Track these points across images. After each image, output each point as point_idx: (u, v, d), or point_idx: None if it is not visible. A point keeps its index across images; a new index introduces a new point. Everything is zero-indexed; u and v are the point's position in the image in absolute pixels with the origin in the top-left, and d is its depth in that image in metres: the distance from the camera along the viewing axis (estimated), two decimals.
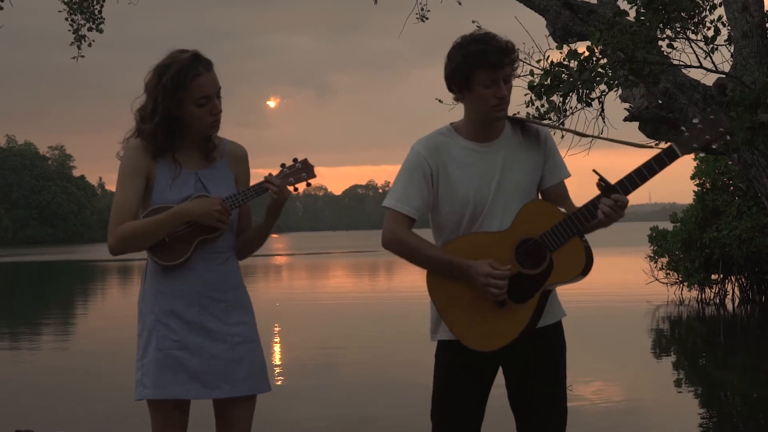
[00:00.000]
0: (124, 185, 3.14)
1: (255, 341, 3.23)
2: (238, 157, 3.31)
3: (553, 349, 3.14)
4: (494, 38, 3.00)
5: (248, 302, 3.28)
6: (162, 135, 3.13)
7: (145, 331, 3.19)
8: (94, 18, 9.10)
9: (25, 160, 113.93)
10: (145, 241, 3.11)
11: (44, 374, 10.03)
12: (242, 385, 3.15)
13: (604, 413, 7.32)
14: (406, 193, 3.08)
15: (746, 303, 16.66)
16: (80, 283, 29.55)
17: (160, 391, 3.09)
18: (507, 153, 3.08)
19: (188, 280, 3.14)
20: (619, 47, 5.11)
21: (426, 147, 3.09)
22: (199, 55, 3.14)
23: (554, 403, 3.12)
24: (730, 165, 15.15)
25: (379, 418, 7.30)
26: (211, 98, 3.11)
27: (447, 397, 3.14)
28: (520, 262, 2.96)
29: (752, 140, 4.98)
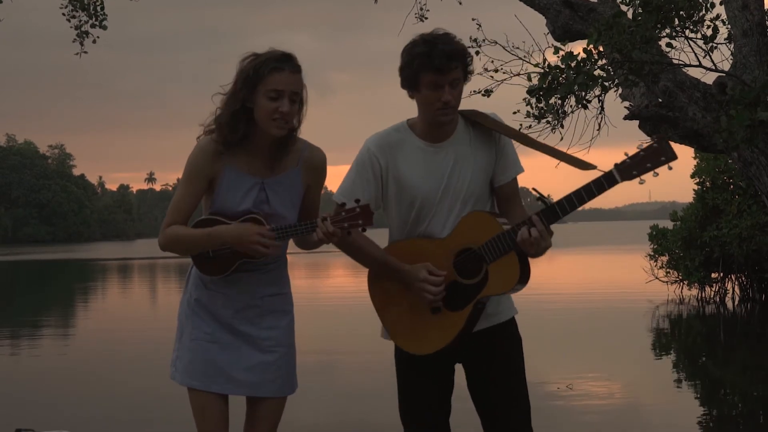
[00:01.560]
0: (183, 187, 3.15)
1: (287, 345, 3.26)
2: (315, 166, 3.24)
3: (506, 346, 3.16)
4: (443, 41, 2.93)
5: (287, 305, 3.29)
6: (232, 124, 3.08)
7: (182, 317, 3.27)
8: (96, 14, 9.09)
9: (25, 159, 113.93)
10: (185, 252, 3.16)
11: (45, 373, 10.03)
12: (266, 387, 3.20)
13: (604, 412, 7.32)
14: (352, 189, 3.09)
15: (746, 301, 16.67)
16: (80, 282, 29.56)
17: (188, 379, 3.18)
18: (457, 153, 3.05)
19: (227, 284, 3.18)
20: (617, 48, 5.11)
21: (377, 144, 3.09)
22: (289, 55, 3.09)
23: (514, 400, 3.12)
24: (730, 163, 15.15)
25: (379, 418, 7.30)
26: (283, 95, 3.04)
27: (408, 396, 3.18)
28: (458, 270, 2.97)
29: (752, 138, 4.98)
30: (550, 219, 2.82)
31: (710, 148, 6.40)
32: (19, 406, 8.00)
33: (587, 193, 2.77)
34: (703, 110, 6.17)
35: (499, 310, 3.12)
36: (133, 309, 18.07)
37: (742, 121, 4.87)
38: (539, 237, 2.80)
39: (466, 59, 2.98)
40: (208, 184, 3.14)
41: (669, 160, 2.72)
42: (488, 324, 3.09)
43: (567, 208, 2.80)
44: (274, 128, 3.06)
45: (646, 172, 2.73)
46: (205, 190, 3.15)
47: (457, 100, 2.98)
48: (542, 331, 11.68)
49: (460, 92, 3.00)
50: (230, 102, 3.09)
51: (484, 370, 3.13)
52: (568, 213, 2.83)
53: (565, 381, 8.41)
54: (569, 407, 7.36)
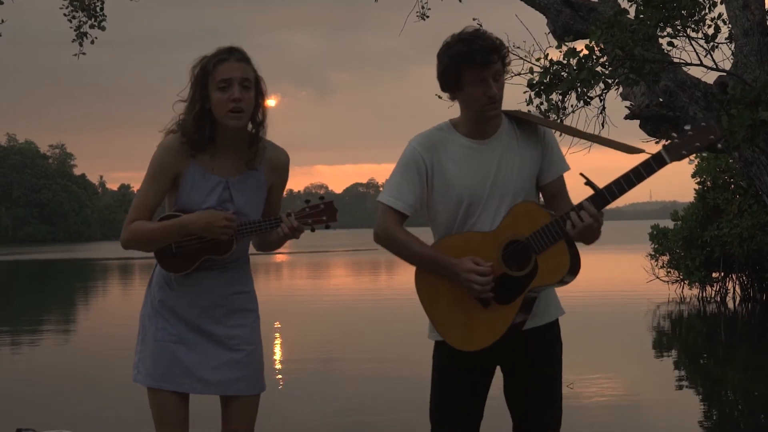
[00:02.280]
0: (147, 184, 3.15)
1: (254, 344, 3.24)
2: (278, 165, 3.26)
3: (548, 348, 3.14)
4: (481, 36, 2.96)
5: (252, 304, 3.28)
6: (196, 127, 3.09)
7: (145, 318, 3.26)
8: (95, 15, 9.10)
9: (25, 158, 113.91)
10: (149, 246, 3.15)
11: (45, 373, 10.03)
12: (235, 386, 3.18)
13: (605, 411, 7.32)
14: (399, 189, 3.08)
15: (747, 301, 16.66)
16: (81, 281, 29.55)
17: (153, 380, 3.16)
18: (503, 150, 3.05)
19: (191, 284, 3.17)
20: (619, 45, 5.10)
21: (422, 143, 3.09)
22: (232, 47, 3.13)
23: (548, 404, 3.11)
24: (730, 163, 15.14)
25: (379, 417, 7.30)
26: (232, 84, 3.05)
27: (444, 397, 3.14)
28: (507, 263, 2.95)
29: (753, 138, 4.98)
30: (599, 204, 2.79)
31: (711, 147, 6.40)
32: (19, 405, 8.00)
33: (636, 176, 2.75)
34: (703, 110, 6.16)
35: (544, 311, 3.09)
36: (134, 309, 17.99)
37: (742, 120, 4.87)
38: (592, 221, 2.77)
39: (503, 51, 3.00)
40: (172, 182, 3.15)
41: (718, 139, 2.70)
42: (533, 324, 3.05)
43: (616, 192, 2.78)
44: (231, 119, 3.06)
45: (695, 151, 2.71)
46: (169, 188, 3.15)
47: (501, 93, 3.00)
48: None
49: (503, 85, 3.02)
50: (190, 106, 3.11)
51: (522, 374, 3.11)
52: (617, 197, 2.79)
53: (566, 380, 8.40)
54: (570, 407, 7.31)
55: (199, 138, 3.10)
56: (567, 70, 5.48)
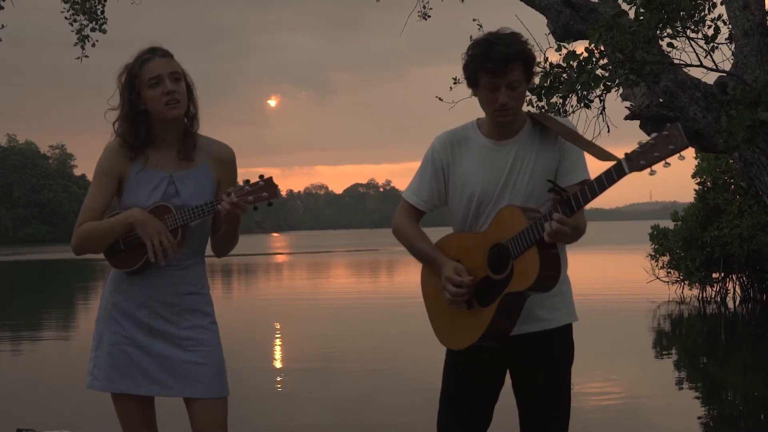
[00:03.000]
0: (93, 187, 3.20)
1: (212, 345, 3.21)
2: (223, 160, 3.28)
3: (557, 352, 3.12)
4: (503, 42, 2.94)
5: (207, 306, 3.26)
6: (130, 130, 3.15)
7: (99, 323, 3.26)
8: (96, 18, 9.10)
9: (26, 159, 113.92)
10: (97, 244, 3.17)
11: (45, 373, 10.03)
12: (192, 387, 3.15)
13: (605, 411, 7.32)
14: (418, 185, 3.18)
15: (747, 301, 16.66)
16: (81, 281, 29.56)
17: (110, 384, 3.16)
18: (519, 152, 3.06)
19: (141, 283, 3.17)
20: (619, 47, 5.10)
21: (442, 142, 3.15)
22: (153, 47, 3.19)
23: (556, 407, 3.10)
24: (731, 163, 15.14)
25: (380, 418, 7.30)
26: (162, 79, 3.11)
27: (453, 399, 3.16)
28: (491, 265, 2.97)
29: (753, 138, 4.98)
30: (566, 212, 2.79)
31: (711, 148, 6.40)
32: (19, 405, 8.00)
33: (599, 186, 2.74)
34: (704, 110, 6.17)
35: (551, 316, 3.08)
36: None
37: (742, 121, 4.87)
38: (560, 226, 2.76)
39: (528, 60, 2.98)
40: (118, 183, 3.19)
41: (678, 149, 2.59)
42: (537, 328, 3.05)
43: (581, 200, 2.78)
44: (170, 111, 3.12)
45: (655, 162, 2.61)
46: (115, 189, 3.19)
47: (516, 102, 3.00)
48: None
49: (521, 94, 3.01)
50: (122, 111, 3.17)
51: (530, 377, 3.11)
52: (582, 205, 2.79)
53: None
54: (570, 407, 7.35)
55: (134, 140, 3.16)
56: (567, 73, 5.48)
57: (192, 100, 3.22)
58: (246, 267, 33.28)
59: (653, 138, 2.62)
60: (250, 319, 14.89)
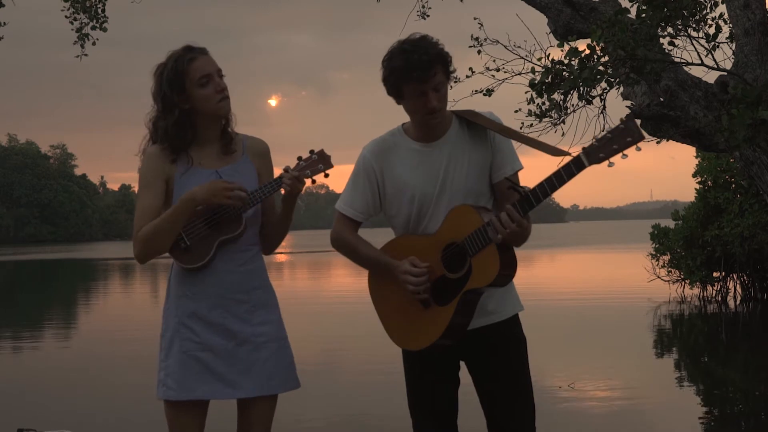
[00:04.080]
0: (144, 192, 3.16)
1: (281, 339, 3.24)
2: (260, 152, 3.30)
3: (509, 343, 3.16)
4: (420, 48, 2.96)
5: (273, 299, 3.28)
6: (176, 131, 3.13)
7: (168, 332, 3.18)
8: (97, 17, 9.10)
9: (26, 158, 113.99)
10: (162, 239, 3.10)
11: (46, 373, 10.04)
12: (267, 385, 3.17)
13: (605, 411, 7.32)
14: (351, 197, 3.21)
15: (748, 301, 16.66)
16: (82, 281, 29.57)
17: (185, 392, 3.10)
18: (451, 152, 3.09)
19: (211, 282, 3.14)
20: (620, 45, 5.10)
21: (372, 150, 3.18)
22: (191, 45, 3.19)
23: (517, 397, 3.13)
24: (731, 162, 15.14)
25: (380, 417, 7.30)
26: (212, 76, 3.12)
27: (415, 390, 3.23)
28: (446, 265, 3.00)
29: (753, 138, 4.97)
30: (524, 208, 2.81)
31: (712, 147, 6.40)
32: (20, 405, 8.00)
33: (558, 180, 2.76)
34: (704, 109, 6.16)
35: (501, 308, 3.14)
36: (135, 309, 18.07)
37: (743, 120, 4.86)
38: (513, 226, 2.79)
39: (445, 61, 3.00)
40: (166, 185, 3.16)
41: (636, 141, 2.67)
42: (488, 321, 3.11)
43: (540, 196, 2.80)
44: (222, 108, 3.15)
45: (613, 154, 2.68)
46: (164, 190, 3.16)
47: (442, 103, 3.02)
48: (544, 330, 11.66)
49: (445, 94, 3.03)
50: (166, 114, 3.14)
51: (485, 369, 3.15)
52: (541, 201, 2.81)
53: (567, 380, 8.41)
54: (571, 406, 7.36)
55: (181, 141, 3.15)
56: (569, 69, 5.48)
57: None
58: None
59: (610, 132, 2.68)
60: None
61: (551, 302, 16.15)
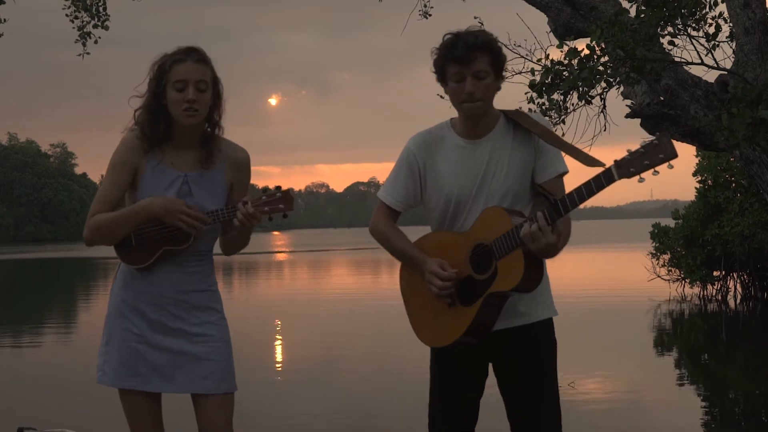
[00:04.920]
0: (108, 178, 3.19)
1: (221, 341, 3.24)
2: (238, 163, 3.28)
3: (538, 346, 3.14)
4: (471, 34, 2.98)
5: (216, 303, 3.28)
6: (150, 121, 3.15)
7: (110, 319, 3.26)
8: (98, 15, 9.09)
9: (26, 157, 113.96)
10: (111, 235, 3.16)
11: (47, 371, 10.04)
12: (202, 383, 3.17)
13: (606, 410, 7.32)
14: (393, 186, 3.20)
15: (748, 300, 16.66)
16: (82, 280, 29.58)
17: (119, 381, 3.19)
18: (494, 150, 3.07)
19: (152, 281, 3.18)
20: (620, 45, 5.11)
21: (417, 143, 3.16)
22: (191, 47, 3.18)
23: (542, 401, 3.11)
24: (731, 162, 15.14)
25: (380, 416, 7.30)
26: (188, 85, 3.10)
27: (439, 397, 3.20)
28: (473, 265, 2.99)
29: (753, 137, 4.98)
30: (553, 216, 2.79)
31: (712, 146, 6.40)
32: (21, 404, 8.01)
33: (587, 191, 2.75)
34: (704, 108, 6.16)
35: (532, 311, 3.11)
36: None
37: (743, 119, 4.87)
38: (539, 233, 2.77)
39: (494, 52, 2.99)
40: (132, 177, 3.17)
41: (668, 158, 2.63)
42: (518, 323, 3.08)
43: (569, 205, 2.79)
44: (185, 118, 3.12)
45: (644, 170, 2.65)
46: (129, 182, 3.18)
47: (483, 93, 2.99)
48: None
49: (488, 86, 3.00)
50: (146, 102, 3.17)
51: (512, 371, 3.13)
52: (570, 210, 2.80)
53: (567, 379, 8.41)
54: (571, 405, 7.35)
55: (152, 132, 3.15)
56: (568, 69, 5.48)
57: (218, 107, 3.21)
58: (247, 265, 33.26)
59: (643, 146, 2.65)
60: (250, 316, 14.88)
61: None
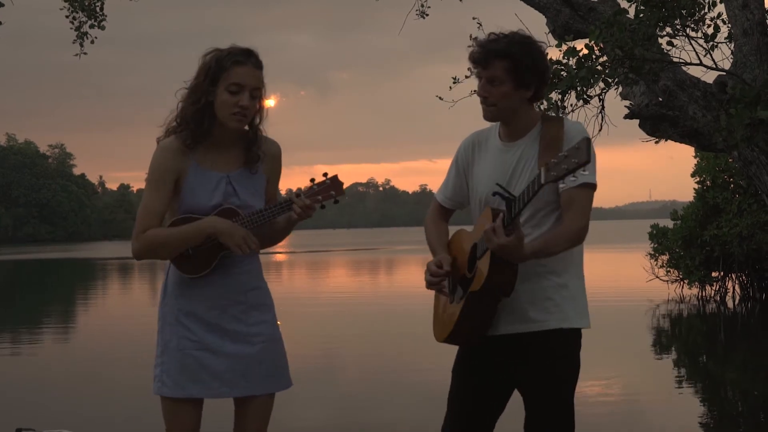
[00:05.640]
0: (151, 190, 3.11)
1: (276, 339, 3.25)
2: (272, 156, 3.27)
3: (550, 355, 3.03)
4: (495, 39, 3.01)
5: (269, 300, 3.28)
6: (195, 116, 3.09)
7: (165, 329, 3.18)
8: (95, 15, 9.10)
9: (25, 158, 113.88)
10: (168, 253, 3.11)
11: (45, 372, 10.02)
12: (262, 384, 3.18)
13: (604, 411, 7.32)
14: (445, 183, 3.33)
15: (747, 300, 16.66)
16: (81, 281, 29.56)
17: (181, 390, 3.12)
18: (523, 154, 3.07)
19: (209, 286, 3.15)
20: (618, 45, 5.11)
21: (465, 143, 3.26)
22: (251, 51, 3.12)
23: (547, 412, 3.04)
24: (730, 162, 15.14)
25: (380, 417, 7.30)
26: (244, 89, 3.05)
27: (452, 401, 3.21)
28: (470, 263, 3.04)
29: (752, 137, 4.99)
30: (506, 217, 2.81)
31: (710, 146, 6.40)
32: (19, 405, 8.00)
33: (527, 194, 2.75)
34: (703, 109, 6.17)
35: (543, 318, 3.03)
36: (134, 308, 18.06)
37: (742, 119, 4.87)
38: (491, 233, 2.79)
39: (515, 61, 2.97)
40: (174, 184, 3.12)
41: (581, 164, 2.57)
42: (526, 329, 3.03)
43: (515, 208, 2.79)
44: (233, 122, 3.08)
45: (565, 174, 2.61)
46: (173, 190, 3.12)
47: (495, 98, 3.02)
48: None
49: (504, 93, 3.01)
50: (193, 96, 3.10)
51: (520, 377, 3.09)
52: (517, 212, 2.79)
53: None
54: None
55: (195, 129, 3.09)
56: (566, 69, 5.48)
57: (261, 112, 3.18)
58: None
59: (567, 151, 2.65)
60: None
61: None
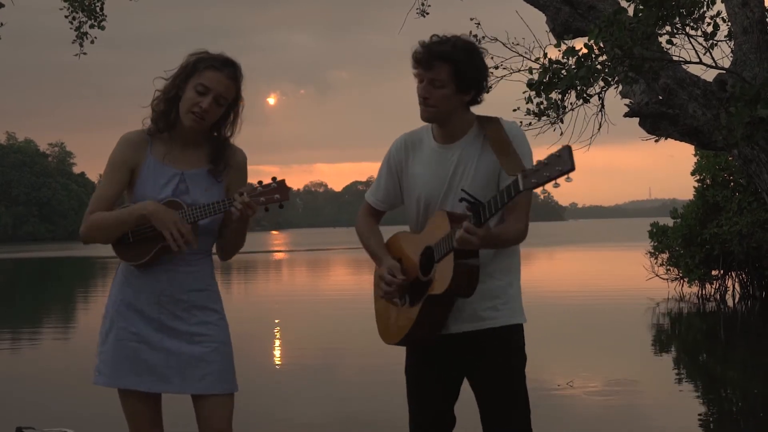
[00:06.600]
0: (106, 177, 3.21)
1: (219, 342, 3.23)
2: (237, 164, 3.30)
3: (502, 350, 3.13)
4: (434, 42, 3.04)
5: (215, 303, 3.28)
6: (166, 109, 3.16)
7: (107, 319, 3.27)
8: (95, 15, 9.10)
9: (25, 157, 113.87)
10: (107, 234, 3.17)
11: (46, 371, 10.03)
12: (198, 384, 3.16)
13: (604, 409, 7.33)
14: (376, 185, 3.33)
15: (747, 299, 16.67)
16: (81, 279, 29.56)
17: (115, 380, 3.19)
18: (462, 155, 3.10)
19: (151, 279, 3.18)
20: (618, 44, 5.11)
21: (397, 144, 3.26)
22: (232, 62, 3.19)
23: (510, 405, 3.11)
24: (730, 161, 15.15)
25: (379, 417, 7.30)
26: (209, 92, 3.11)
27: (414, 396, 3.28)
28: (422, 267, 3.06)
29: (752, 136, 4.98)
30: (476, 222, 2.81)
31: (710, 145, 6.40)
32: (20, 403, 8.00)
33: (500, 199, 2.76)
34: (703, 107, 6.17)
35: (493, 316, 3.12)
36: None
37: (741, 118, 4.87)
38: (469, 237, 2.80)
39: (457, 65, 3.00)
40: (130, 175, 3.20)
41: (565, 171, 2.61)
42: (478, 327, 3.10)
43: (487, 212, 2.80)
44: (189, 120, 3.14)
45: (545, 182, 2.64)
46: (127, 180, 3.20)
47: (436, 100, 3.04)
48: (543, 329, 11.66)
49: (445, 96, 3.04)
50: (167, 88, 3.18)
51: (474, 374, 3.17)
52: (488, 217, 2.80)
53: (565, 378, 8.42)
54: (570, 404, 7.36)
55: (160, 118, 3.18)
56: (566, 68, 5.48)
57: (233, 125, 3.24)
58: (246, 264, 33.26)
59: (547, 158, 2.67)
60: (249, 316, 14.88)
61: (550, 300, 16.15)
